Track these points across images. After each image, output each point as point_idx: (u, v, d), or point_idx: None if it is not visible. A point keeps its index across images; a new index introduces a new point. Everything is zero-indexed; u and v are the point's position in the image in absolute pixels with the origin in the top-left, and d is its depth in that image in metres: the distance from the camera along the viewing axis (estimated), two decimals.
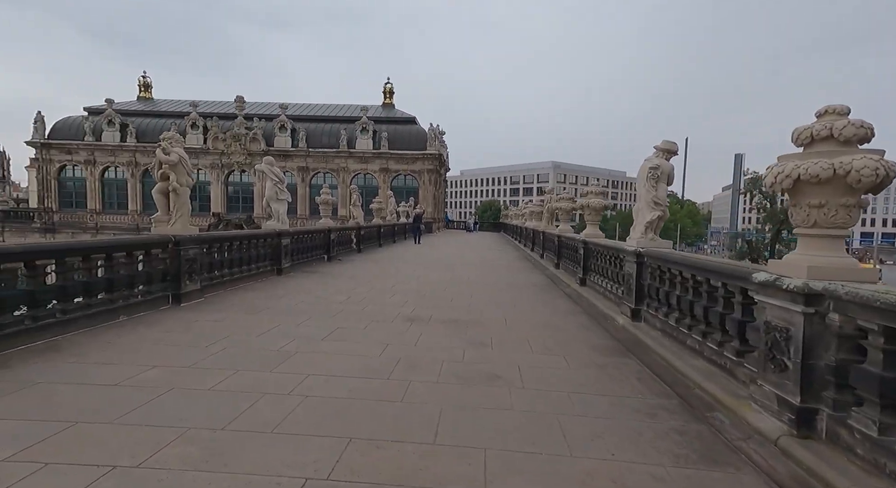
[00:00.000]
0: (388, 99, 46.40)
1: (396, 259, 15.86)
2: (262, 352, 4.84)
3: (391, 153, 40.66)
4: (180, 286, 6.97)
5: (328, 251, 14.13)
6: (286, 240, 10.82)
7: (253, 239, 9.51)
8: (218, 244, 8.28)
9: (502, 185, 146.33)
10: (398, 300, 8.13)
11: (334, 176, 41.26)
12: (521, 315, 7.27)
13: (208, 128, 39.90)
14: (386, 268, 13.11)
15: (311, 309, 7.11)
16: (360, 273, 11.76)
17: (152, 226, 7.13)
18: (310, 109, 44.88)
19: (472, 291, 9.41)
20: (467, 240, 30.04)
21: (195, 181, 37.60)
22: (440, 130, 41.80)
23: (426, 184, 41.19)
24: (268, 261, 10.24)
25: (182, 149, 7.01)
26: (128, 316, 6.00)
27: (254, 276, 9.48)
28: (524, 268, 14.85)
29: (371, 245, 19.55)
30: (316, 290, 8.84)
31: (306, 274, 11.12)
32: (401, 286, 9.75)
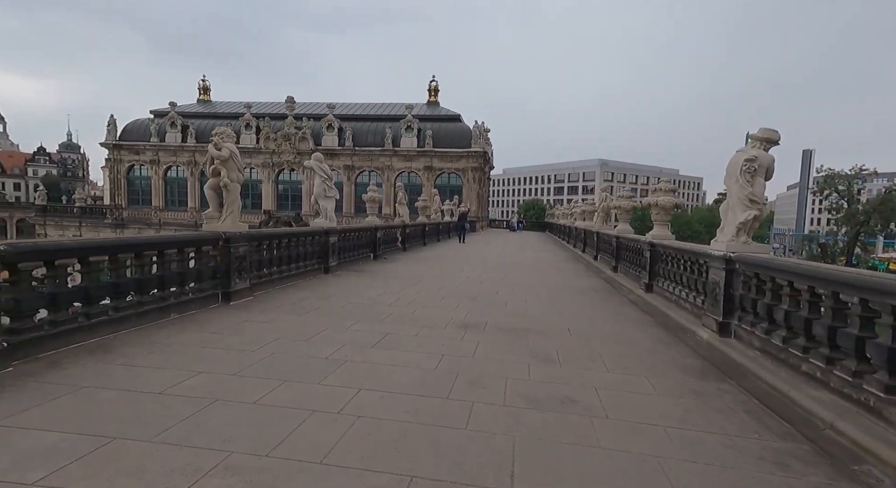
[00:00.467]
0: (433, 97, 46.22)
1: (442, 258, 15.45)
2: (310, 359, 4.51)
3: (435, 151, 40.44)
4: (230, 284, 6.85)
5: (374, 250, 13.93)
6: (334, 239, 10.66)
7: (301, 236, 9.38)
8: (267, 241, 8.17)
9: (546, 184, 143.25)
10: (449, 303, 7.67)
11: (379, 174, 41.61)
12: (585, 324, 6.59)
13: (261, 128, 41.39)
14: (432, 267, 12.71)
15: (360, 311, 6.78)
16: (407, 273, 11.42)
17: (204, 223, 7.07)
18: (356, 109, 45.54)
19: (526, 295, 8.79)
20: (512, 240, 29.24)
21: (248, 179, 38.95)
22: (485, 128, 41.10)
23: (470, 183, 40.64)
24: (315, 260, 10.10)
25: (233, 145, 6.89)
26: (179, 314, 5.90)
27: (302, 275, 9.34)
28: (577, 270, 13.99)
29: (416, 244, 19.29)
30: (363, 291, 8.55)
31: (353, 273, 10.91)
32: (450, 288, 9.29)
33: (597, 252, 15.72)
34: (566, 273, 13.11)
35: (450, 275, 11.21)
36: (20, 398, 3.33)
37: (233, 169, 6.89)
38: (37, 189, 73.76)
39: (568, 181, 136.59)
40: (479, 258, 16.08)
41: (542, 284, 10.45)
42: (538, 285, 10.24)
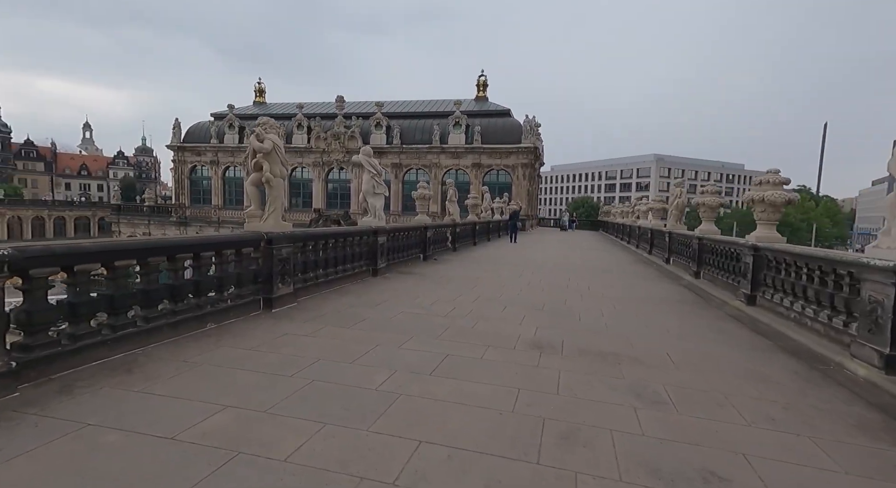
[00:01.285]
0: (482, 92, 45.06)
1: (496, 260, 14.41)
2: (356, 391, 3.68)
3: (484, 148, 39.32)
4: (272, 289, 6.23)
5: (424, 250, 13.14)
6: (382, 239, 9.94)
7: (349, 237, 8.71)
8: (312, 242, 7.53)
9: (596, 181, 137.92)
10: (513, 314, 6.66)
11: (426, 172, 41.11)
12: (686, 347, 5.35)
13: (312, 128, 42.15)
14: (487, 270, 11.72)
15: (413, 323, 5.93)
16: (460, 276, 10.51)
17: (245, 222, 6.51)
18: (403, 106, 45.32)
19: (600, 305, 7.60)
20: (566, 240, 27.60)
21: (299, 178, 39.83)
22: (536, 122, 39.44)
23: (520, 180, 39.17)
24: (363, 261, 9.42)
25: (276, 136, 6.27)
26: (216, 323, 5.32)
27: (349, 278, 8.68)
28: (648, 274, 12.48)
29: (466, 243, 18.37)
30: (415, 297, 7.72)
31: (403, 275, 10.15)
32: (510, 295, 8.27)
33: (669, 254, 14.07)
34: (637, 278, 11.67)
35: (507, 280, 10.17)
36: (11, 438, 2.72)
37: (276, 162, 6.26)
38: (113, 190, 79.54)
39: (620, 178, 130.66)
40: (536, 259, 14.89)
41: (615, 291, 9.18)
42: (610, 292, 8.98)
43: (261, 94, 50.41)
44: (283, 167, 6.38)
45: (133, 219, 44.76)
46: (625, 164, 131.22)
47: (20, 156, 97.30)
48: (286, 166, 6.45)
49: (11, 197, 79.64)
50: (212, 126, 44.32)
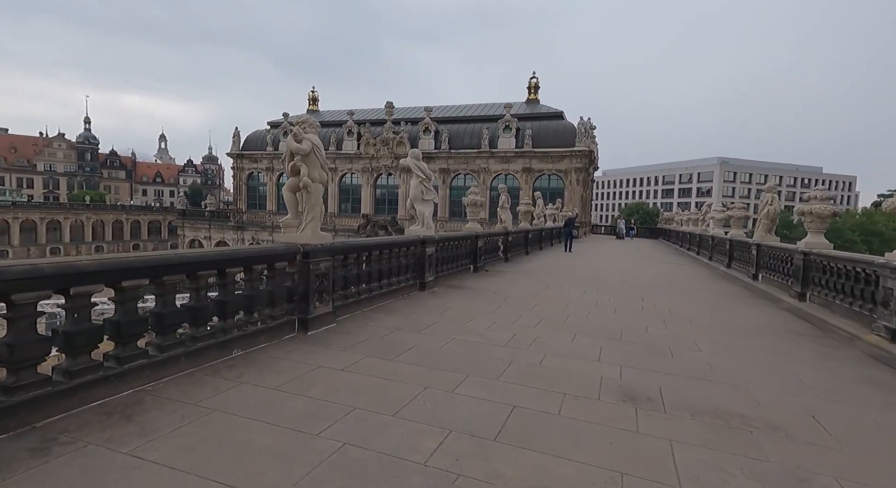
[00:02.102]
0: (533, 94, 43.59)
1: (553, 272, 13.15)
2: (397, 467, 2.74)
3: (535, 152, 37.83)
4: (308, 309, 5.50)
5: (475, 261, 12.16)
6: (431, 250, 9.08)
7: (394, 247, 7.91)
8: (354, 255, 6.77)
9: (652, 186, 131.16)
10: (587, 346, 5.51)
11: (475, 177, 40.19)
12: (840, 409, 3.97)
13: (361, 134, 42.58)
14: (546, 285, 10.53)
15: (467, 355, 4.96)
16: (516, 292, 9.42)
17: (281, 232, 5.85)
18: (452, 111, 44.77)
19: (692, 336, 6.26)
20: (625, 249, 25.57)
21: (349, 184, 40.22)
22: (591, 125, 37.43)
23: (573, 185, 37.25)
24: (410, 274, 8.59)
25: (316, 137, 5.57)
26: (243, 349, 4.62)
27: (394, 293, 7.86)
28: (734, 294, 10.75)
29: (518, 252, 17.19)
30: (468, 319, 6.74)
31: (453, 290, 9.21)
32: (578, 317, 7.09)
33: (756, 270, 12.20)
34: (724, 298, 10.03)
35: (571, 297, 8.96)
36: None
37: (315, 166, 5.55)
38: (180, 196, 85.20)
39: (679, 182, 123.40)
40: (598, 272, 13.46)
41: (703, 316, 7.72)
42: (698, 317, 7.55)
43: (314, 101, 51.83)
44: (322, 171, 5.66)
45: (196, 223, 47.30)
46: (684, 168, 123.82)
47: (105, 165, 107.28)
48: (326, 170, 5.73)
49: (97, 202, 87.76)
50: (267, 134, 46.00)
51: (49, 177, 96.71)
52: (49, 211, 75.91)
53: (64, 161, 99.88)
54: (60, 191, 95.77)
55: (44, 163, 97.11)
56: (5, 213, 70.51)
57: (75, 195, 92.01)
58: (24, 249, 70.66)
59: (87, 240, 79.13)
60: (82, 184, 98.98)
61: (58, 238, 75.48)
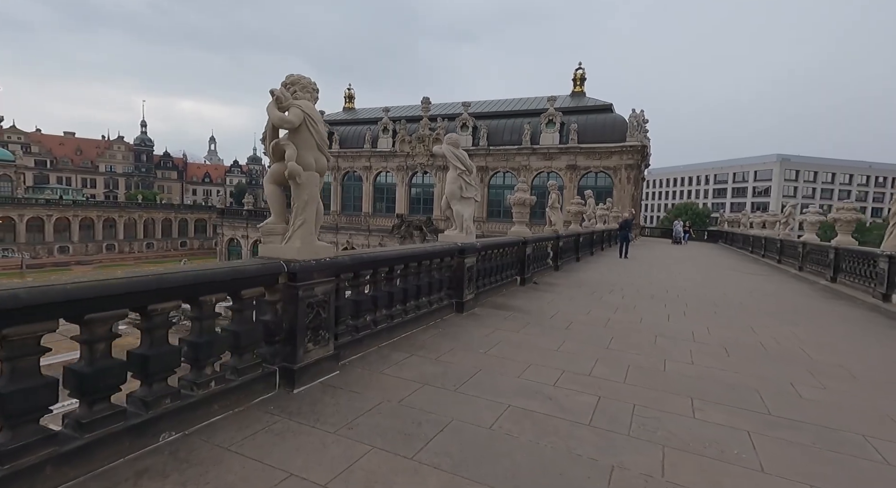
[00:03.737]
0: (579, 86, 40.74)
1: (615, 285, 10.91)
2: None
3: (581, 147, 35.10)
4: (296, 354, 3.75)
5: (522, 271, 10.17)
6: (471, 260, 7.19)
7: (424, 260, 6.07)
8: (368, 272, 4.97)
9: (702, 185, 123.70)
10: (721, 430, 3.43)
11: (515, 175, 37.90)
12: None
13: (397, 131, 41.30)
14: (613, 305, 8.39)
15: (533, 455, 3.02)
16: (580, 315, 7.37)
17: (261, 242, 4.16)
18: (491, 106, 42.65)
19: (880, 406, 4.04)
20: (688, 255, 22.64)
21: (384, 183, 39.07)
22: (643, 118, 34.28)
23: (622, 183, 34.25)
24: (444, 292, 6.74)
25: (311, 105, 3.84)
26: (176, 431, 2.92)
27: (423, 319, 6.03)
28: (874, 321, 8.17)
29: (568, 259, 15.00)
30: (524, 365, 4.80)
31: (497, 312, 7.28)
32: (681, 365, 4.99)
33: (888, 287, 9.48)
34: (864, 329, 7.52)
35: (655, 326, 6.82)
36: None
37: (308, 146, 3.80)
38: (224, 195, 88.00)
39: (733, 182, 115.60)
40: (670, 286, 11.09)
41: (868, 366, 5.39)
42: (861, 369, 5.23)
43: (350, 99, 51.12)
44: (320, 154, 3.90)
45: (234, 223, 47.69)
46: (738, 166, 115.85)
47: (159, 166, 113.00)
48: (327, 153, 3.97)
49: (148, 201, 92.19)
50: None
51: (109, 178, 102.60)
52: (105, 210, 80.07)
53: (122, 162, 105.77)
54: (119, 190, 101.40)
55: (105, 164, 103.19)
56: (66, 212, 74.78)
57: (131, 194, 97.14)
58: (82, 245, 74.84)
59: (140, 238, 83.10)
60: (138, 184, 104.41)
61: (113, 235, 79.62)
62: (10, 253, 59.84)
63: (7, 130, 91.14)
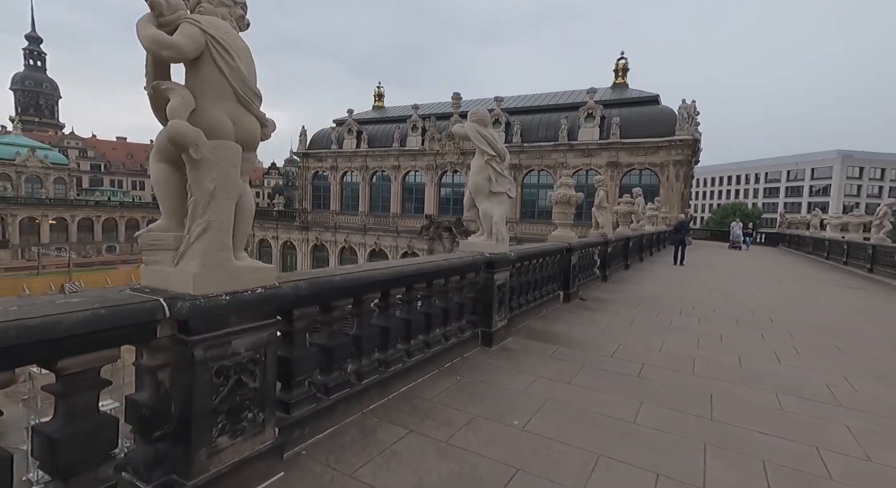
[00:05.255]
0: (621, 77, 37.85)
1: (684, 303, 8.78)
2: None
3: (623, 143, 32.36)
4: (189, 466, 2.11)
5: (566, 285, 8.25)
6: (503, 276, 5.39)
7: (437, 278, 4.33)
8: (346, 302, 3.25)
9: (752, 184, 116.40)
10: None
11: (550, 173, 35.57)
12: None
13: (426, 129, 39.79)
14: (693, 334, 6.35)
15: None
16: (650, 350, 5.42)
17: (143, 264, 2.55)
18: (526, 101, 40.39)
19: None
20: (755, 262, 19.78)
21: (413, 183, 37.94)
22: (695, 109, 31.17)
23: (670, 181, 31.25)
24: (466, 319, 4.98)
25: (224, 24, 2.22)
26: None
27: (434, 360, 4.29)
28: None
29: (617, 266, 12.89)
30: (581, 451, 2.97)
31: (537, 346, 5.44)
32: (847, 456, 3.02)
33: None
34: None
35: (761, 370, 4.78)
36: None
37: (217, 94, 2.17)
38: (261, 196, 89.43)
39: (787, 180, 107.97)
40: (757, 305, 8.79)
41: None
42: None
43: (380, 98, 50.13)
44: (245, 110, 2.26)
45: (265, 223, 47.63)
46: (793, 164, 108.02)
47: None
48: (256, 110, 2.32)
49: None
50: (332, 132, 44.88)
51: None
52: (148, 211, 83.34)
53: None
54: None
55: None
56: (113, 212, 78.22)
57: None
58: (128, 245, 78.03)
59: None
60: None
61: None
62: (62, 251, 62.80)
63: (67, 136, 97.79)
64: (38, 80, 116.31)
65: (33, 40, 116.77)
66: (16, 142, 74.31)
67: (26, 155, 72.20)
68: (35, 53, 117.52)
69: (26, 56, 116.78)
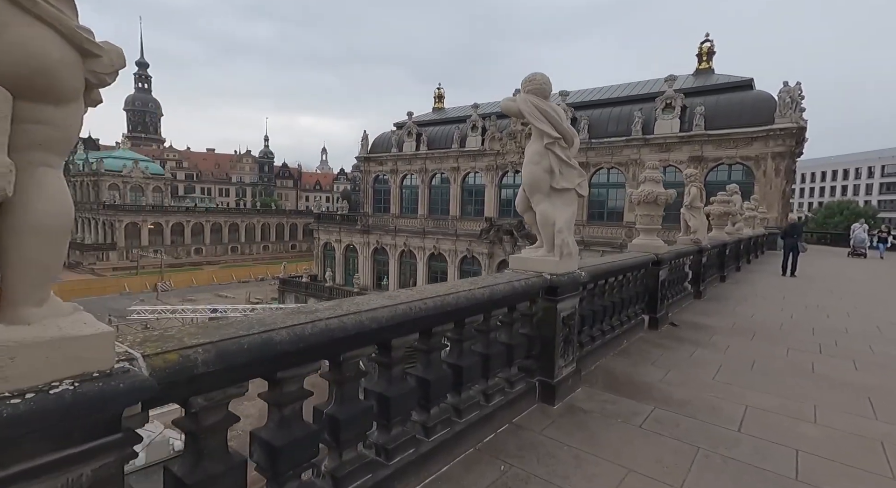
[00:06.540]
0: (705, 62, 33.77)
1: (817, 332, 6.57)
2: None
3: (709, 135, 28.61)
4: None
5: (653, 307, 6.44)
6: (569, 305, 3.87)
7: (470, 312, 2.94)
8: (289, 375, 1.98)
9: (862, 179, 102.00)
10: None
11: (621, 171, 32.54)
12: None
13: (486, 128, 38.33)
14: (848, 386, 4.36)
15: None
16: (800, 420, 3.61)
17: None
18: (594, 94, 37.51)
19: None
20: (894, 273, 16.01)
21: (472, 184, 36.84)
22: (800, 93, 26.71)
23: (769, 176, 27.02)
24: (517, 366, 3.55)
25: None
26: None
27: (464, 440, 2.90)
28: None
29: (711, 278, 10.62)
30: None
31: (619, 405, 3.84)
32: None
33: None
34: None
35: None
36: None
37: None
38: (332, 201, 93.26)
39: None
40: None
41: None
42: None
43: (440, 99, 49.49)
44: (19, 11, 1.10)
45: (329, 227, 48.86)
46: None
47: (279, 175, 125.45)
48: (48, 14, 1.19)
49: (266, 207, 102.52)
50: (392, 135, 44.90)
51: (239, 187, 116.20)
52: (230, 215, 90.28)
53: (249, 173, 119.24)
54: (247, 198, 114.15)
55: (236, 175, 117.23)
56: (200, 217, 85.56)
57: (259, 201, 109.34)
58: (213, 247, 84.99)
59: (257, 240, 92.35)
60: (261, 193, 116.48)
61: (236, 238, 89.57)
62: (159, 253, 69.66)
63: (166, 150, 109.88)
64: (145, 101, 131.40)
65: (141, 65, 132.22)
66: (124, 155, 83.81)
67: (131, 167, 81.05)
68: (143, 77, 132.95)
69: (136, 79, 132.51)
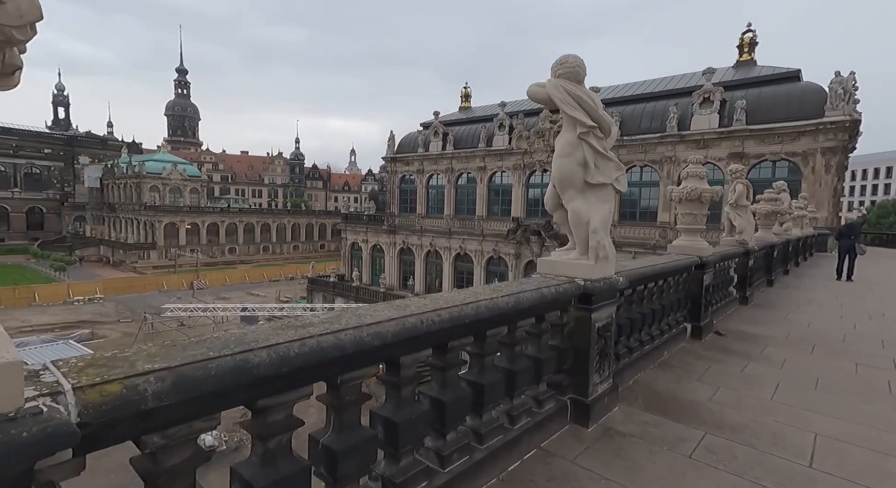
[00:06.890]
0: (747, 54, 32.00)
1: (887, 342, 5.84)
2: None
3: (751, 130, 27.03)
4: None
5: (696, 314, 5.89)
6: (605, 314, 3.45)
7: (492, 324, 2.58)
8: (272, 404, 1.68)
9: None
10: None
11: (655, 169, 31.24)
12: None
13: (514, 127, 37.65)
14: None
15: None
16: (871, 451, 3.07)
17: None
18: (626, 89, 36.22)
19: None
20: None
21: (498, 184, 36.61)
22: (853, 83, 24.85)
23: (818, 173, 25.28)
24: (543, 385, 3.16)
25: None
26: None
27: (484, 470, 2.54)
28: None
29: (758, 281, 9.83)
30: None
31: (663, 431, 3.39)
32: None
33: None
34: None
35: None
36: None
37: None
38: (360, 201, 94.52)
39: None
40: None
41: None
42: None
43: (466, 98, 49.11)
44: None
45: (356, 227, 49.27)
46: None
47: (309, 177, 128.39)
48: None
49: (296, 207, 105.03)
50: (419, 135, 44.81)
51: (271, 188, 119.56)
52: (261, 216, 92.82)
53: (281, 175, 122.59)
54: (278, 199, 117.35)
55: (268, 177, 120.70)
56: (234, 218, 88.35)
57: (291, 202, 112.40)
58: (245, 247, 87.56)
59: (288, 240, 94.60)
60: (292, 193, 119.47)
61: (268, 238, 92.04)
62: (195, 253, 72.35)
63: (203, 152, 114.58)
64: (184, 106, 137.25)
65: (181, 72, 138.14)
66: (163, 158, 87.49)
67: (170, 169, 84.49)
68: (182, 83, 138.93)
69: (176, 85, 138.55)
